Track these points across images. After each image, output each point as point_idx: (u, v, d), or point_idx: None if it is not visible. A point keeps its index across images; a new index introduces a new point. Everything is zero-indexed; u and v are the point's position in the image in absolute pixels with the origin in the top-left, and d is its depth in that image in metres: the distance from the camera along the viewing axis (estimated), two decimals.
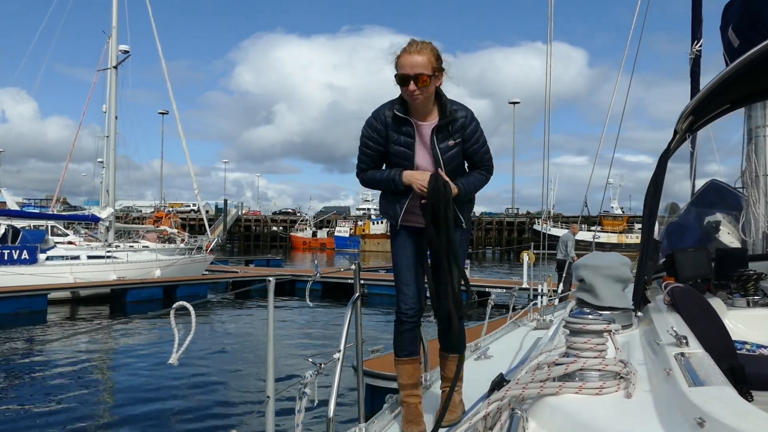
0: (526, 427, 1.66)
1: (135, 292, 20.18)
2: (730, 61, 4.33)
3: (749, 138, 5.44)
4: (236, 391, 9.54)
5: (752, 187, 5.30)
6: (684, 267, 3.71)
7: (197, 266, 25.40)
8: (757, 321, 3.57)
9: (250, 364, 11.39)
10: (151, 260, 24.04)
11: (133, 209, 65.61)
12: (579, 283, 2.98)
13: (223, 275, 24.98)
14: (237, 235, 77.15)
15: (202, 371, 10.66)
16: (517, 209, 76.41)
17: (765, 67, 2.97)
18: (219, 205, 78.42)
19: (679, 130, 3.38)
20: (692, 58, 6.56)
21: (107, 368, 11.53)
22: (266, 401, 2.81)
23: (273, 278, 2.71)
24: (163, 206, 48.94)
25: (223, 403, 8.83)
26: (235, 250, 64.77)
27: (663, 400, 1.67)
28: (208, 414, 8.32)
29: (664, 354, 1.97)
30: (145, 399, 8.97)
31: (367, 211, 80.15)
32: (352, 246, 65.91)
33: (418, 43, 2.89)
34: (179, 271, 23.92)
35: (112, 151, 26.33)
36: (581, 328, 1.85)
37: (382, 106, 3.02)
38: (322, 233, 74.47)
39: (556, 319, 4.98)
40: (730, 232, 5.53)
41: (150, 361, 11.51)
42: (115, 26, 26.27)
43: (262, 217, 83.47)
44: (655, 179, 3.25)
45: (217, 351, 12.59)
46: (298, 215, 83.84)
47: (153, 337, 14.29)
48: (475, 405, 3.15)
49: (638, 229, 58.71)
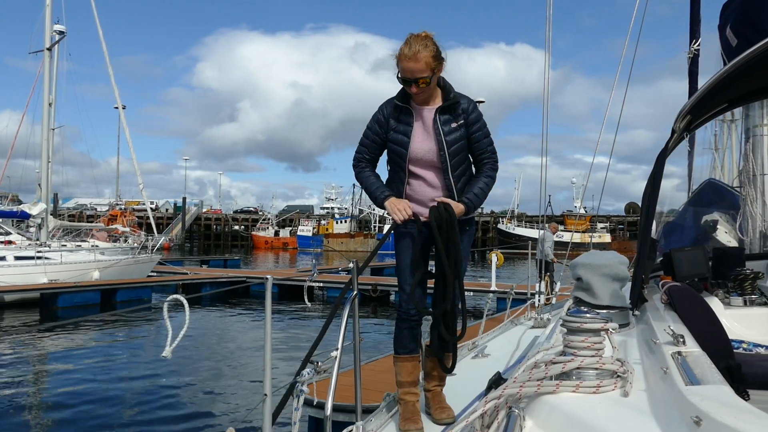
0: (523, 425, 1.66)
1: (68, 297, 18.18)
2: (728, 60, 4.34)
3: (747, 137, 5.44)
4: (233, 390, 9.54)
5: (749, 186, 5.31)
6: (681, 266, 3.72)
7: (142, 267, 23.49)
8: (754, 320, 3.57)
9: (246, 364, 11.38)
10: (88, 261, 21.85)
11: (87, 207, 64.06)
12: (576, 281, 2.98)
13: (170, 277, 23.04)
14: (197, 234, 76.42)
15: (198, 370, 10.66)
16: (482, 208, 76.11)
17: (763, 66, 2.98)
18: (178, 204, 77.83)
19: (676, 129, 3.38)
20: (690, 57, 6.56)
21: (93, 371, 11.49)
22: (263, 399, 2.81)
23: (270, 277, 2.71)
24: (119, 204, 47.34)
25: (220, 402, 8.83)
26: (194, 250, 63.84)
27: (660, 399, 1.67)
28: (204, 413, 8.31)
29: (661, 353, 1.97)
30: (142, 399, 8.96)
31: (330, 210, 79.42)
32: (315, 245, 65.12)
33: (415, 47, 2.90)
34: (121, 273, 22.09)
35: (45, 141, 24.17)
36: (579, 326, 1.85)
37: (389, 98, 3.13)
38: (284, 232, 73.81)
39: (554, 317, 4.99)
40: (728, 231, 5.54)
41: (154, 359, 11.51)
42: (49, 4, 24.28)
43: (223, 215, 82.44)
44: (652, 179, 3.25)
45: (211, 350, 12.57)
46: (260, 214, 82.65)
47: (142, 333, 14.31)
48: (472, 403, 3.16)
49: (601, 228, 59.01)
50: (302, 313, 17.15)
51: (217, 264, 35.08)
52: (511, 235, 66.54)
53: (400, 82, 2.98)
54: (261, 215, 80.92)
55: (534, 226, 70.07)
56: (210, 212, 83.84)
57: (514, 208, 77.19)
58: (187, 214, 75.37)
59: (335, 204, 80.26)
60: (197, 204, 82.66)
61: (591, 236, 29.50)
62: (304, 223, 73.61)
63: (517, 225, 70.14)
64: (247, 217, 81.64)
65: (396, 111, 3.07)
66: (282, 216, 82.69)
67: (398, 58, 2.94)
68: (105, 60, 25.52)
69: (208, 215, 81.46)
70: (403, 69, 2.93)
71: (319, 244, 65.35)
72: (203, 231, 77.51)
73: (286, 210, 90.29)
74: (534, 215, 75.08)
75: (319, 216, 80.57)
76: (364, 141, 3.16)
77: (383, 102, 3.14)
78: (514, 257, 35.22)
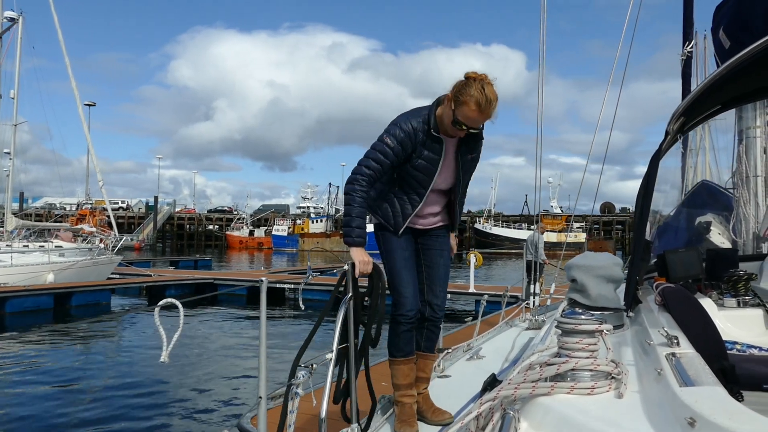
0: (518, 427, 1.66)
1: (17, 301, 16.70)
2: (721, 62, 4.35)
3: (740, 139, 5.47)
4: (228, 392, 9.51)
5: (743, 187, 5.33)
6: (675, 267, 3.72)
7: (101, 269, 21.95)
8: (748, 321, 3.59)
9: (241, 366, 11.35)
10: (40, 263, 20.35)
11: (56, 207, 62.15)
12: (571, 283, 2.99)
13: (132, 279, 21.78)
14: (170, 234, 75.13)
15: (193, 372, 10.63)
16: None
17: (756, 68, 2.99)
18: (150, 203, 76.32)
19: (670, 131, 3.39)
20: (683, 59, 6.59)
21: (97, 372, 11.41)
22: (258, 402, 2.80)
23: (265, 279, 2.70)
24: (88, 203, 46.10)
25: (215, 404, 8.81)
26: (167, 250, 62.42)
27: (654, 400, 1.68)
28: (199, 415, 8.29)
29: (655, 354, 1.97)
30: (137, 399, 8.93)
31: (306, 210, 78.44)
32: (290, 245, 64.74)
33: (493, 103, 2.81)
34: (79, 275, 20.50)
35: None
36: (573, 328, 1.85)
37: (413, 119, 2.94)
38: (259, 232, 72.65)
39: (549, 319, 4.99)
40: (721, 232, 5.56)
41: (149, 359, 11.46)
42: None
43: (197, 215, 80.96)
44: (646, 180, 3.26)
45: (204, 353, 12.52)
46: (234, 213, 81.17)
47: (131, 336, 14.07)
48: (467, 405, 3.16)
49: (577, 228, 59.22)
50: (279, 319, 16.44)
51: (187, 265, 33.58)
52: (488, 235, 66.63)
53: (453, 122, 2.86)
54: (236, 215, 79.50)
55: (511, 225, 70.39)
56: (183, 212, 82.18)
57: (491, 208, 77.23)
58: (159, 214, 73.77)
59: (311, 203, 79.17)
60: (170, 203, 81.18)
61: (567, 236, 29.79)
62: (279, 222, 72.70)
63: (493, 225, 70.18)
64: (221, 217, 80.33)
65: (428, 139, 2.94)
66: (257, 215, 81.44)
67: (464, 102, 2.79)
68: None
69: (181, 215, 79.75)
70: (467, 117, 2.81)
71: (294, 243, 64.83)
72: (176, 231, 76.12)
73: (262, 209, 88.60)
74: (510, 215, 75.38)
75: (294, 215, 79.45)
76: (382, 160, 2.94)
77: (409, 121, 2.93)
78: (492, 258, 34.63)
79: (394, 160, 2.95)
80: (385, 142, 2.94)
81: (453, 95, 2.84)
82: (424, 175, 3.00)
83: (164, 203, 79.49)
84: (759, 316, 3.60)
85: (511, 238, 64.29)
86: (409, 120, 2.94)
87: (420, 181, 3.01)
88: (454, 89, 2.85)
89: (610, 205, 76.38)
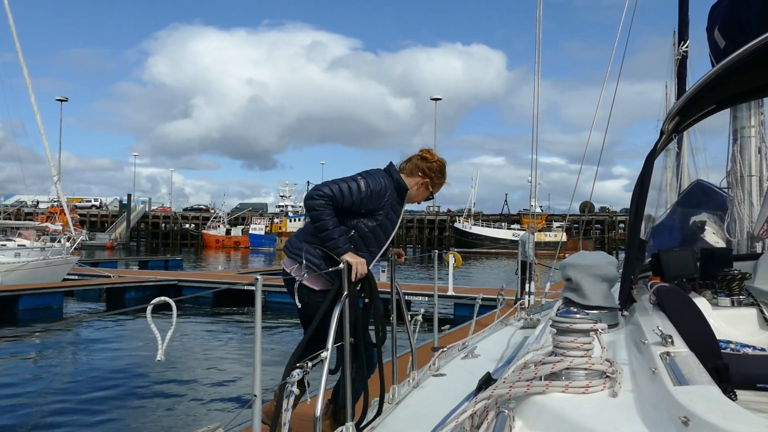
0: (513, 426, 1.66)
1: None
2: (716, 62, 4.37)
3: (734, 138, 5.49)
4: (222, 391, 9.49)
5: (737, 187, 5.35)
6: (670, 267, 3.73)
7: (56, 270, 20.56)
8: (742, 320, 3.60)
9: (236, 364, 11.34)
10: None
11: (27, 205, 60.39)
12: (566, 282, 2.99)
13: (89, 281, 20.45)
14: (144, 233, 74.10)
15: (188, 369, 10.61)
16: (438, 207, 76.15)
17: (751, 67, 3.00)
18: (124, 201, 74.88)
19: (665, 131, 3.40)
20: (678, 59, 6.60)
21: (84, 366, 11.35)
22: (253, 400, 2.80)
23: (260, 277, 2.70)
24: (55, 201, 43.27)
25: (209, 402, 8.79)
26: (141, 250, 61.45)
27: (648, 399, 1.68)
28: (193, 413, 8.28)
29: (649, 353, 1.98)
30: (132, 397, 8.91)
31: (284, 208, 77.67)
32: (267, 244, 64.05)
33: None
34: (30, 277, 19.25)
35: None
36: (568, 327, 1.85)
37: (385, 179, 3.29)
38: (236, 231, 71.63)
39: (544, 318, 5.00)
40: (716, 232, 5.58)
41: (140, 357, 11.43)
42: None
43: (172, 213, 79.23)
44: (641, 179, 3.26)
45: (199, 351, 12.50)
46: (211, 212, 79.76)
47: None
48: (461, 404, 3.15)
49: (557, 227, 59.29)
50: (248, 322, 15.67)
51: (157, 265, 32.43)
52: (468, 234, 66.56)
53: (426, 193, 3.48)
54: (212, 213, 78.11)
55: (491, 225, 70.42)
56: (159, 210, 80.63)
57: (471, 207, 76.89)
58: (133, 212, 72.43)
59: (290, 202, 78.18)
60: (145, 201, 79.72)
61: (546, 235, 29.93)
62: (256, 221, 71.70)
63: (473, 224, 70.17)
64: (197, 215, 78.58)
65: (395, 202, 3.34)
66: (234, 214, 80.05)
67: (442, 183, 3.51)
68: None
69: (156, 213, 78.19)
70: (438, 187, 3.51)
71: (271, 243, 64.06)
72: (151, 230, 74.89)
73: (239, 208, 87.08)
74: (491, 214, 75.44)
75: (272, 214, 78.52)
76: (346, 194, 3.12)
77: (383, 179, 3.27)
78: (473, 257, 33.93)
79: (356, 201, 3.12)
80: (358, 182, 3.15)
81: (431, 178, 3.43)
82: (391, 227, 3.35)
83: (139, 201, 78.21)
84: (753, 315, 3.62)
85: (492, 238, 64.35)
86: (383, 178, 3.27)
87: (386, 231, 3.33)
88: (430, 172, 3.41)
89: (589, 204, 76.41)
